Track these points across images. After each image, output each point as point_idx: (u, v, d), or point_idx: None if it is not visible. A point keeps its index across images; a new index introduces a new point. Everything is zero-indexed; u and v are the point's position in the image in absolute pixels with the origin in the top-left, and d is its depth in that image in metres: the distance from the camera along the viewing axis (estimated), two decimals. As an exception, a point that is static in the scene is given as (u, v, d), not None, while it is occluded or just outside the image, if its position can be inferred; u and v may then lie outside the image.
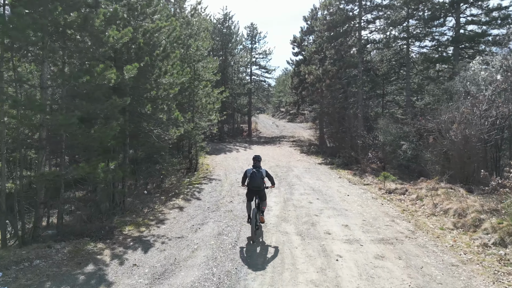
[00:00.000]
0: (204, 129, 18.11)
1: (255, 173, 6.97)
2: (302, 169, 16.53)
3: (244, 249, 6.70)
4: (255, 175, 6.95)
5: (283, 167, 16.78)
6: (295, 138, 33.07)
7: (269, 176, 7.37)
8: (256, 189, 7.00)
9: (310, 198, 10.89)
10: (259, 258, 6.24)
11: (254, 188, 7.00)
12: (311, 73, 23.73)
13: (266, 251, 6.57)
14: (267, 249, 6.64)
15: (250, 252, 6.55)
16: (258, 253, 6.53)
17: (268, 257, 6.25)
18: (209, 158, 20.38)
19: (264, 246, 6.82)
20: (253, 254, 6.47)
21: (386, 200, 10.86)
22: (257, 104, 41.37)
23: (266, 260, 6.14)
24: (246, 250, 6.62)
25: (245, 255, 6.38)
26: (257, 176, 6.93)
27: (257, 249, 6.70)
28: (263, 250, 6.61)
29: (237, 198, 11.02)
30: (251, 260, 6.16)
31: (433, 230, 8.01)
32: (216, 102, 17.52)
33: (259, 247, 6.80)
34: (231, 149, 24.85)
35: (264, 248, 6.71)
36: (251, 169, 7.13)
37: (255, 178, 6.93)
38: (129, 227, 8.12)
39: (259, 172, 7.00)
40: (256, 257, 6.32)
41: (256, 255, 6.43)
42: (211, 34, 32.74)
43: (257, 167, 7.13)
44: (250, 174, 7.03)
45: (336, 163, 17.79)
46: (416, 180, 12.27)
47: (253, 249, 6.69)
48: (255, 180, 6.93)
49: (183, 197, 11.25)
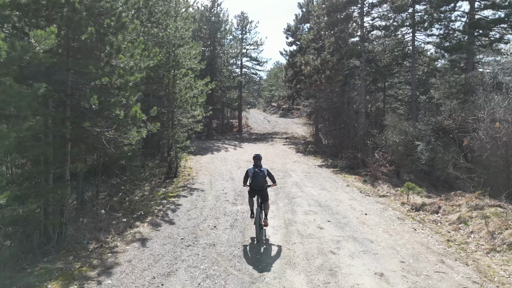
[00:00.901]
0: (187, 127, 15.24)
1: (257, 173, 6.78)
2: (301, 173, 13.79)
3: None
4: (257, 175, 6.76)
5: (278, 171, 14.02)
6: (289, 134, 30.35)
7: (270, 175, 7.09)
8: (259, 189, 6.79)
9: (318, 219, 8.16)
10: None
11: (257, 188, 6.78)
12: (308, 64, 20.93)
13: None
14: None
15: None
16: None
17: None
18: (194, 159, 17.48)
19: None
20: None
21: (416, 221, 8.20)
22: (248, 98, 38.44)
23: None
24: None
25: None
26: (260, 176, 6.75)
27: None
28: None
29: (223, 220, 8.23)
30: None
31: (509, 281, 5.37)
32: (201, 95, 14.58)
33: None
34: (219, 148, 21.96)
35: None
36: (252, 169, 6.93)
37: (258, 177, 6.74)
38: (53, 284, 5.22)
39: (261, 171, 6.83)
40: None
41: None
42: (198, 22, 29.68)
43: (258, 166, 6.92)
44: (252, 173, 6.82)
45: (339, 166, 15.10)
46: (448, 193, 9.65)
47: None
48: (258, 180, 6.74)
49: (151, 220, 8.36)
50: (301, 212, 8.73)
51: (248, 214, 8.48)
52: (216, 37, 29.27)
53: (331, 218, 8.29)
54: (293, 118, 43.57)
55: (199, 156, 18.25)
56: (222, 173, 13.93)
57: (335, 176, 13.52)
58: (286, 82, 28.39)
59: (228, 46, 29.63)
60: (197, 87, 14.38)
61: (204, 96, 14.33)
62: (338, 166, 15.18)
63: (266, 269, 5.59)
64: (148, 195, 11.04)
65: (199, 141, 24.80)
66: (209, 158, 17.68)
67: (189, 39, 14.25)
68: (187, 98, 13.33)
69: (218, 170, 14.66)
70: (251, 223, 7.77)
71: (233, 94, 34.14)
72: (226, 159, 17.32)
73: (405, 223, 8.03)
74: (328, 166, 15.79)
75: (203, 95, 14.44)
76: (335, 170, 14.74)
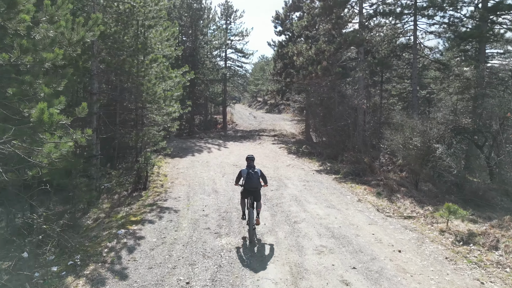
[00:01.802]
0: (161, 125, 12.40)
1: (252, 174, 6.53)
2: (299, 182, 11.22)
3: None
4: (251, 176, 6.52)
5: (271, 178, 11.40)
6: (277, 132, 27.78)
7: (263, 176, 6.81)
8: (253, 190, 6.52)
9: (338, 264, 5.58)
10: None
11: (251, 189, 6.50)
12: (300, 54, 18.32)
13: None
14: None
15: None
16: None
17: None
18: (171, 163, 14.64)
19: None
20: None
21: (473, 264, 5.73)
22: (233, 93, 35.55)
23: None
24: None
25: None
26: (254, 177, 6.52)
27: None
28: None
29: (200, 267, 5.53)
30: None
31: None
32: (176, 87, 11.73)
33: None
34: (201, 148, 19.13)
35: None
36: (246, 170, 6.64)
37: (252, 179, 6.51)
38: None
39: (255, 173, 6.57)
40: None
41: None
42: (178, 9, 26.48)
43: (251, 167, 6.63)
44: (246, 175, 6.55)
45: (342, 173, 12.59)
46: (501, 218, 7.25)
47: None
48: (252, 181, 6.49)
49: (93, 271, 5.51)
50: (311, 250, 6.13)
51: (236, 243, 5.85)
52: (198, 25, 26.20)
53: (355, 260, 5.73)
54: (280, 114, 41.06)
55: (177, 159, 15.41)
56: (203, 183, 11.18)
57: (339, 187, 11.00)
58: (275, 75, 25.74)
59: (211, 36, 26.57)
60: (172, 78, 11.52)
61: (180, 89, 11.48)
62: (340, 172, 12.68)
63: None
64: (104, 219, 8.19)
65: (179, 140, 21.89)
66: (189, 162, 14.86)
67: (161, 19, 11.32)
68: (159, 90, 10.45)
69: (198, 178, 11.90)
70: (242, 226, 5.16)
71: (217, 88, 31.20)
72: (209, 163, 14.55)
73: (461, 269, 5.55)
74: (328, 171, 13.28)
75: (179, 87, 11.59)
76: (337, 177, 12.23)
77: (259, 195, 6.65)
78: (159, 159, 14.69)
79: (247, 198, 6.63)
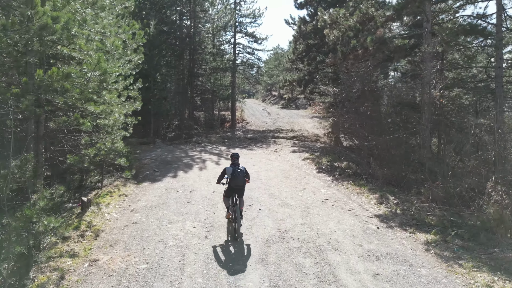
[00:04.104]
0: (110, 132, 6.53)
1: (237, 172, 6.15)
2: (361, 263, 5.03)
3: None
4: (237, 174, 6.14)
5: (301, 239, 5.30)
6: (296, 132, 21.53)
7: (246, 173, 6.39)
8: (238, 188, 6.25)
9: None
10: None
11: (237, 187, 6.22)
12: (335, 25, 11.93)
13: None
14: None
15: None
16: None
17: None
18: (131, 194, 8.67)
19: None
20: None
21: None
22: (243, 85, 29.27)
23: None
24: None
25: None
26: (240, 175, 6.15)
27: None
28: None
29: None
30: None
31: None
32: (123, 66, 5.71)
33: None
34: (193, 160, 13.10)
35: None
36: (230, 168, 6.20)
37: (238, 177, 6.14)
38: None
39: (240, 170, 6.20)
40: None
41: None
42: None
43: (236, 165, 6.25)
44: (232, 173, 6.14)
45: (441, 234, 6.28)
46: None
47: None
48: (238, 179, 6.14)
49: None
50: None
51: None
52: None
53: None
54: (298, 109, 34.58)
55: (146, 186, 9.41)
56: (163, 267, 5.14)
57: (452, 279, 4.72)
58: (294, 61, 19.34)
59: (214, 12, 20.26)
60: (115, 45, 5.51)
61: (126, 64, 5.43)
62: (433, 231, 6.33)
63: None
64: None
65: (167, 147, 15.89)
66: (161, 192, 8.81)
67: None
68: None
69: (158, 246, 5.86)
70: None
71: (224, 80, 25.01)
72: (193, 195, 8.50)
73: None
74: (402, 221, 6.97)
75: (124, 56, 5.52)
76: (435, 243, 5.91)
77: (243, 191, 6.35)
78: (114, 187, 8.76)
79: (232, 197, 6.34)
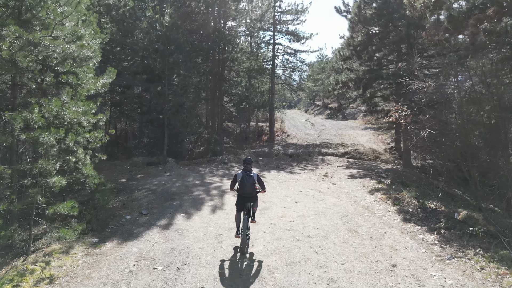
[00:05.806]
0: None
1: (246, 178, 5.54)
2: None
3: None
4: (245, 181, 5.54)
5: None
6: (348, 147, 16.83)
7: (260, 181, 5.75)
8: (246, 196, 5.58)
9: None
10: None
11: (244, 195, 5.57)
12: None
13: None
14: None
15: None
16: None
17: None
18: (62, 277, 4.84)
19: None
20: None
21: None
22: (283, 92, 25.14)
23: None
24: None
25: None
26: (248, 182, 5.51)
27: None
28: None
29: None
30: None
31: None
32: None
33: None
34: (206, 190, 9.00)
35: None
36: (241, 173, 5.61)
37: (246, 184, 5.51)
38: None
39: (250, 177, 5.55)
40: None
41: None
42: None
43: (247, 171, 5.59)
44: (241, 179, 5.57)
45: None
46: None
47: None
48: (245, 187, 5.51)
49: None
50: None
51: None
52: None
53: None
54: (346, 120, 29.54)
55: (109, 249, 5.48)
56: None
57: None
58: (348, 58, 14.82)
59: (247, 2, 16.54)
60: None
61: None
62: None
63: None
64: None
65: (180, 169, 12.11)
66: (124, 270, 4.74)
67: None
68: None
69: None
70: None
71: (261, 86, 21.10)
72: (181, 275, 4.41)
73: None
74: None
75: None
76: None
77: (256, 200, 5.71)
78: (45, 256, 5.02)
79: (243, 210, 5.49)
